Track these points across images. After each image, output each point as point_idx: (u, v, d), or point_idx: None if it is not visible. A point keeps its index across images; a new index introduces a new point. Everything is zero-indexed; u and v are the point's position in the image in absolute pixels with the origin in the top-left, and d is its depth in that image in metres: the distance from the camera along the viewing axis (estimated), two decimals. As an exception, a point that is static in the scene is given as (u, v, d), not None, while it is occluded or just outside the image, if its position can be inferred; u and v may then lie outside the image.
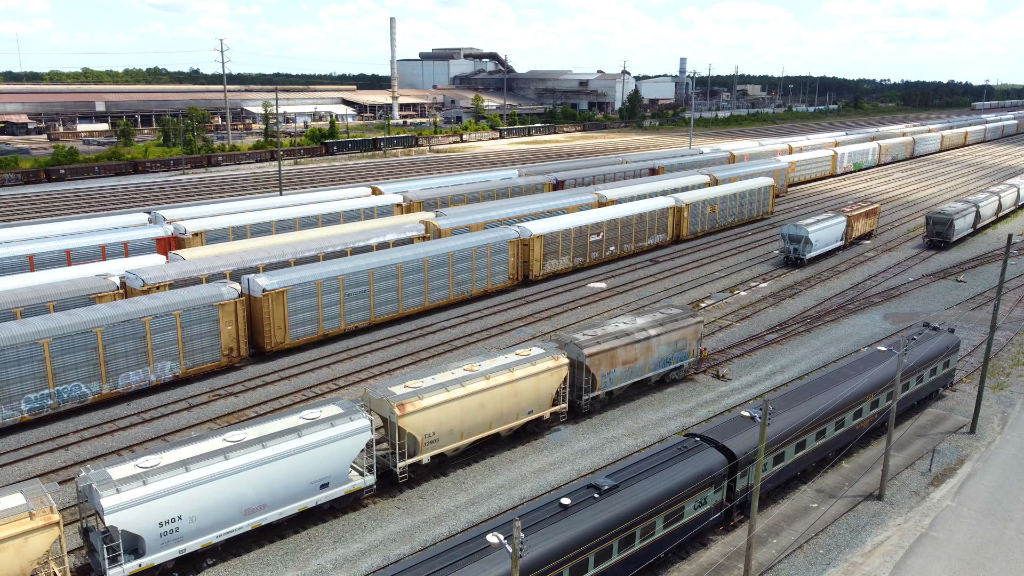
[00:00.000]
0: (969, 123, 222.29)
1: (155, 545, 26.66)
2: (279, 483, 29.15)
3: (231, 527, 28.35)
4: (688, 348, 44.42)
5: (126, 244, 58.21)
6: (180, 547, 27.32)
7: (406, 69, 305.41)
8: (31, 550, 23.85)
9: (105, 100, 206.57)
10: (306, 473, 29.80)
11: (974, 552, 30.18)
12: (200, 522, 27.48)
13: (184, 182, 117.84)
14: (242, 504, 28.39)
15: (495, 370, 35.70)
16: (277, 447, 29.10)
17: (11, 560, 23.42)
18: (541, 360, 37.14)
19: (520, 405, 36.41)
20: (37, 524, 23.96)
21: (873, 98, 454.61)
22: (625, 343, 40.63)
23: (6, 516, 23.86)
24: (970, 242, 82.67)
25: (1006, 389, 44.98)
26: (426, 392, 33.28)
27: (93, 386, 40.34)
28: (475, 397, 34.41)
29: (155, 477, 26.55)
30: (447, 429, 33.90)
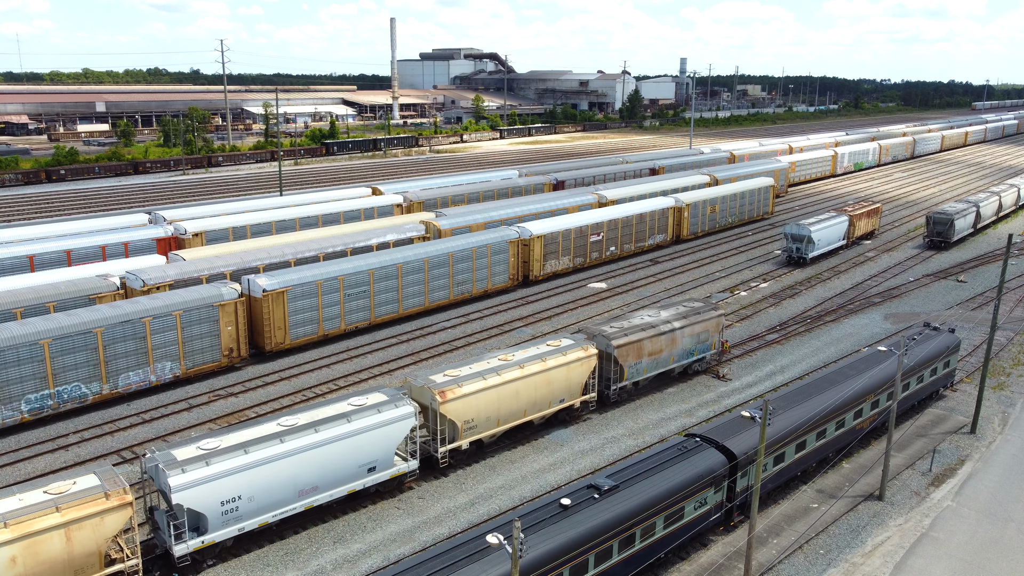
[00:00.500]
0: (969, 123, 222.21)
1: (217, 523, 27.98)
2: (330, 466, 30.45)
3: (286, 508, 29.69)
4: (710, 340, 45.72)
5: (126, 244, 58.22)
6: (239, 526, 28.67)
7: (406, 69, 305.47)
8: (107, 528, 25.23)
9: (105, 100, 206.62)
10: (355, 457, 31.08)
11: (975, 552, 30.16)
12: (258, 502, 28.81)
13: (184, 182, 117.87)
14: (296, 485, 29.70)
15: (529, 360, 37.15)
16: (329, 431, 30.37)
17: (89, 538, 24.87)
18: (572, 350, 38.53)
19: (552, 393, 37.90)
20: (112, 504, 25.28)
21: (873, 98, 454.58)
22: (651, 335, 41.94)
23: (83, 496, 25.12)
24: (970, 242, 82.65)
25: (1007, 389, 44.96)
26: (465, 380, 34.67)
27: (93, 386, 40.35)
28: (511, 385, 35.87)
29: (217, 458, 27.86)
30: (485, 416, 35.33)
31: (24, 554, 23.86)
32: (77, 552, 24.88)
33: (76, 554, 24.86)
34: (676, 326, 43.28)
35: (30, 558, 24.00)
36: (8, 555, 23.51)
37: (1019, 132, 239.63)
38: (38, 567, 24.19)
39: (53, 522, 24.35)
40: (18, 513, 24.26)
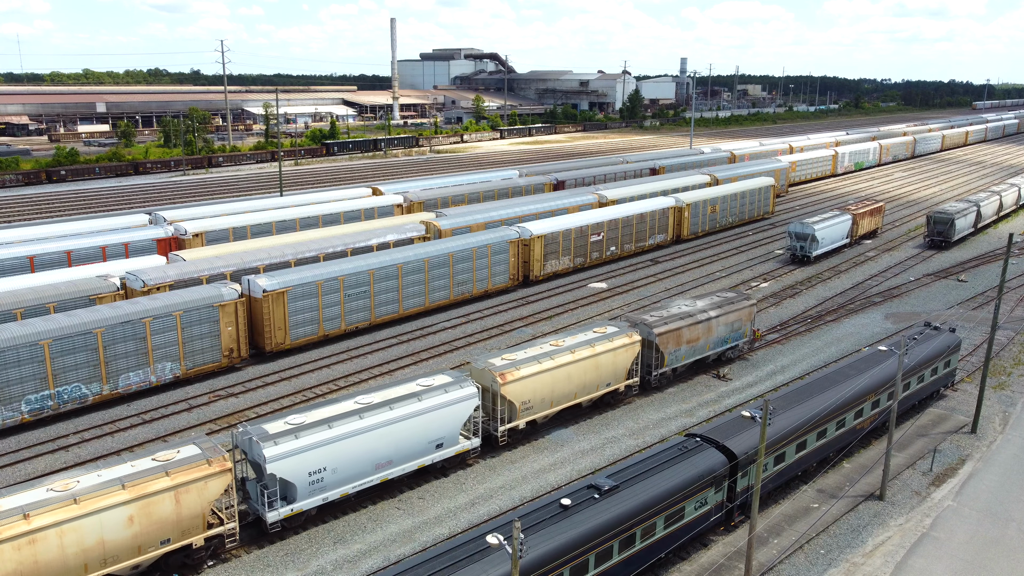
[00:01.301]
0: (970, 122, 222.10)
1: (305, 492, 30.01)
2: (404, 441, 32.54)
3: (364, 480, 31.74)
4: (743, 328, 47.62)
5: (126, 245, 58.21)
6: (324, 495, 30.68)
7: (407, 70, 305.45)
8: (210, 493, 27.53)
9: (106, 101, 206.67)
10: (425, 433, 33.17)
11: (975, 552, 30.12)
12: (340, 474, 30.84)
13: (185, 183, 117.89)
14: (373, 459, 31.77)
15: (578, 345, 39.21)
16: (402, 409, 32.47)
17: (195, 500, 27.18)
18: (617, 337, 40.52)
19: (600, 377, 39.98)
20: (215, 470, 27.49)
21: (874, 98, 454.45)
22: (689, 323, 43.89)
23: (189, 463, 27.24)
24: (971, 241, 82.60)
25: (1007, 389, 44.92)
26: (522, 364, 36.82)
27: (93, 387, 40.34)
28: (563, 369, 38.03)
29: (305, 432, 29.83)
30: (540, 397, 37.46)
31: (139, 514, 26.10)
32: (184, 514, 27.13)
33: (183, 516, 27.12)
34: (712, 315, 45.14)
35: (144, 518, 26.22)
36: (126, 515, 25.77)
37: (1020, 131, 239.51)
38: (151, 527, 26.43)
39: (164, 485, 26.51)
40: (133, 477, 26.36)
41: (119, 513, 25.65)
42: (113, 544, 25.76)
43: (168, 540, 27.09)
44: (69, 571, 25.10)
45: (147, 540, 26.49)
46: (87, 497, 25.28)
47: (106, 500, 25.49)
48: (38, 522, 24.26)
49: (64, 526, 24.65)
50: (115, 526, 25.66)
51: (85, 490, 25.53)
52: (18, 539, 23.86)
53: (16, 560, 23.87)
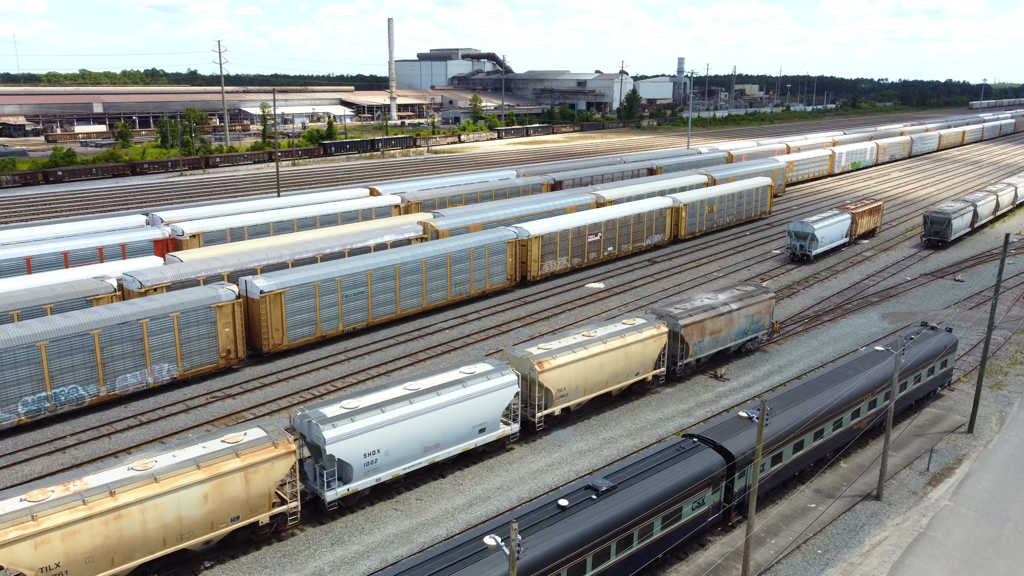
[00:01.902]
0: (967, 122, 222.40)
1: (360, 473, 31.58)
2: (450, 425, 34.07)
3: (413, 462, 33.26)
4: (763, 321, 49.33)
5: (123, 246, 58.13)
6: (377, 476, 32.24)
7: (404, 70, 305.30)
8: (276, 473, 28.99)
9: (103, 101, 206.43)
10: (469, 418, 34.73)
11: (972, 552, 30.18)
12: (392, 456, 32.39)
13: (182, 183, 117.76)
14: (422, 442, 33.31)
15: (609, 336, 40.59)
16: (449, 395, 34.03)
17: (262, 480, 28.65)
18: (645, 328, 42.01)
19: (630, 367, 41.52)
20: (280, 452, 28.97)
21: (871, 97, 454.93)
22: (712, 315, 45.43)
23: (256, 445, 28.66)
24: (968, 241, 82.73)
25: (1004, 388, 45.00)
26: (558, 353, 38.36)
27: (91, 388, 40.29)
28: (596, 358, 39.52)
29: (360, 415, 31.40)
30: (575, 385, 38.99)
31: (213, 492, 27.56)
32: (253, 493, 28.57)
33: (252, 495, 28.57)
34: (734, 307, 46.77)
35: (217, 496, 27.68)
36: (201, 493, 27.23)
37: (1016, 131, 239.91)
38: (223, 504, 27.90)
39: (235, 466, 28.01)
40: (206, 457, 27.78)
41: (195, 491, 27.17)
42: (189, 520, 27.28)
43: (238, 517, 28.59)
44: (150, 545, 26.69)
45: (219, 517, 28.03)
46: (166, 476, 26.82)
47: (183, 479, 26.98)
48: (123, 499, 25.83)
49: (146, 503, 26.25)
50: (191, 503, 27.17)
51: (163, 469, 27.04)
52: (106, 515, 25.46)
53: (104, 534, 25.51)
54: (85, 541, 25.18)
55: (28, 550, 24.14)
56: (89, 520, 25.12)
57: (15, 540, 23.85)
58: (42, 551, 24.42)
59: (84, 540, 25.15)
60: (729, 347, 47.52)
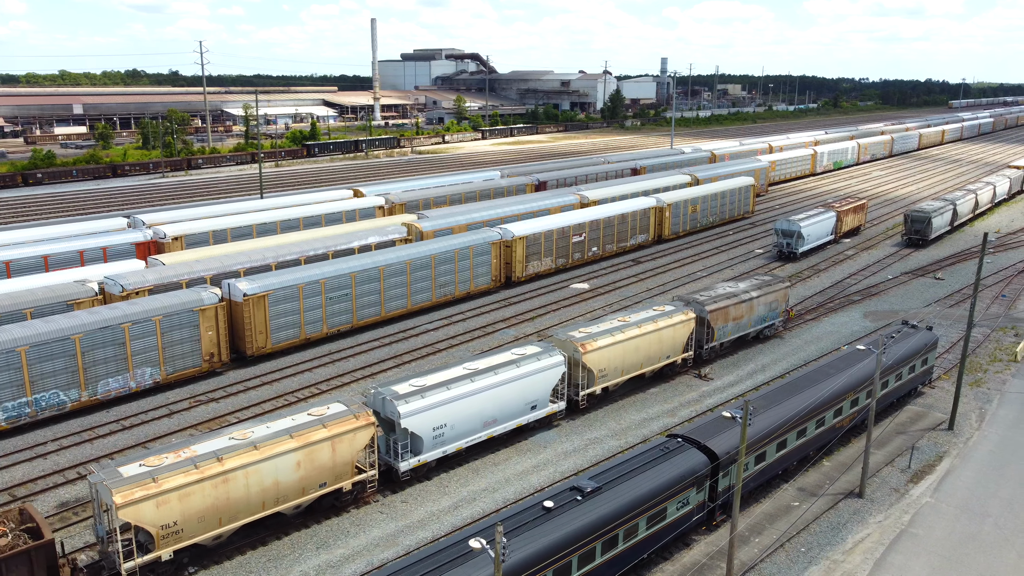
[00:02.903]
0: (947, 121, 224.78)
1: (429, 445, 34.05)
2: (506, 402, 36.64)
3: (474, 436, 35.78)
4: (779, 308, 52.09)
5: (105, 249, 57.63)
6: (443, 449, 34.65)
7: (388, 70, 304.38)
8: (358, 443, 31.47)
9: (83, 102, 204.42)
10: (523, 396, 37.32)
11: (953, 548, 30.53)
12: (456, 430, 34.82)
13: (164, 185, 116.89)
14: (482, 417, 35.86)
15: (643, 321, 43.33)
16: (505, 374, 36.61)
17: (346, 449, 31.12)
18: (675, 314, 44.78)
19: (662, 350, 44.37)
20: (361, 423, 31.42)
21: (852, 97, 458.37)
22: (735, 302, 48.19)
23: (340, 417, 31.04)
24: (948, 239, 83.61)
25: (983, 385, 45.53)
26: (598, 336, 40.98)
27: (72, 394, 39.92)
28: (633, 341, 42.18)
29: (429, 392, 33.93)
30: (614, 366, 41.55)
31: (304, 460, 29.93)
32: (338, 461, 30.98)
33: (337, 463, 30.98)
34: (754, 295, 49.63)
35: (308, 463, 30.06)
36: (295, 460, 29.62)
37: (994, 130, 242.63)
38: (313, 471, 30.27)
39: (323, 436, 30.36)
40: (297, 428, 30.18)
41: (290, 459, 29.53)
42: (285, 485, 29.65)
43: (325, 484, 30.93)
44: (251, 508, 28.97)
45: (309, 483, 30.41)
46: (265, 445, 29.14)
47: (280, 447, 29.32)
48: (230, 464, 28.15)
49: (249, 468, 28.51)
50: (287, 470, 29.54)
51: (261, 438, 29.35)
52: (215, 478, 27.75)
53: (214, 496, 27.85)
54: (198, 502, 27.51)
55: (152, 509, 26.49)
56: (201, 483, 27.42)
57: (141, 499, 26.14)
58: (163, 510, 26.77)
59: (197, 501, 27.49)
60: (749, 332, 50.04)
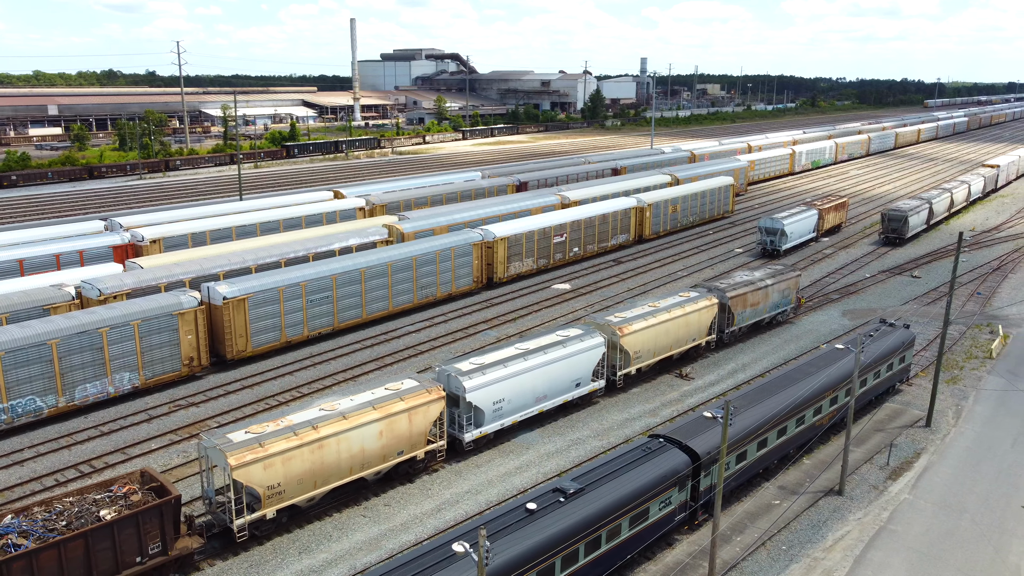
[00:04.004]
0: (922, 120, 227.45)
1: (489, 418, 37.02)
2: (555, 379, 39.61)
3: (527, 410, 38.77)
4: (791, 296, 55.32)
5: (81, 253, 56.96)
6: (501, 422, 37.63)
7: (367, 70, 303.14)
8: (431, 414, 34.41)
9: (58, 103, 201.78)
10: (569, 373, 40.29)
11: (931, 544, 30.92)
12: (512, 404, 37.84)
13: (141, 187, 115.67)
14: (534, 393, 38.82)
15: (672, 306, 46.29)
16: (554, 353, 39.49)
17: (421, 420, 34.03)
18: (700, 300, 47.91)
19: (688, 333, 47.25)
20: (433, 397, 34.44)
21: (830, 96, 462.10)
22: (752, 289, 51.39)
23: (415, 391, 34.09)
24: (924, 238, 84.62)
25: (960, 383, 46.13)
26: (633, 320, 44.00)
27: (49, 399, 39.43)
28: (663, 325, 45.21)
29: (489, 370, 36.90)
30: (647, 348, 44.46)
31: (386, 430, 32.81)
32: (414, 431, 33.88)
33: (413, 432, 33.86)
34: (769, 283, 52.77)
35: (388, 432, 32.91)
36: (377, 429, 32.46)
37: (969, 129, 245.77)
38: (392, 439, 33.14)
39: (402, 407, 33.26)
40: (378, 400, 33.16)
41: (373, 428, 32.31)
42: (369, 452, 32.43)
43: (402, 452, 33.75)
44: (340, 472, 31.68)
45: (389, 451, 33.22)
46: (352, 415, 31.90)
47: (365, 417, 32.11)
48: (324, 432, 30.78)
49: (340, 436, 31.21)
50: (371, 438, 32.32)
51: (348, 409, 32.13)
52: (312, 444, 30.35)
53: (311, 460, 30.46)
54: (297, 466, 30.05)
55: (260, 471, 29.01)
56: (300, 448, 30.02)
57: (251, 462, 28.65)
58: (269, 472, 29.27)
59: (296, 465, 30.02)
60: (764, 318, 53.13)
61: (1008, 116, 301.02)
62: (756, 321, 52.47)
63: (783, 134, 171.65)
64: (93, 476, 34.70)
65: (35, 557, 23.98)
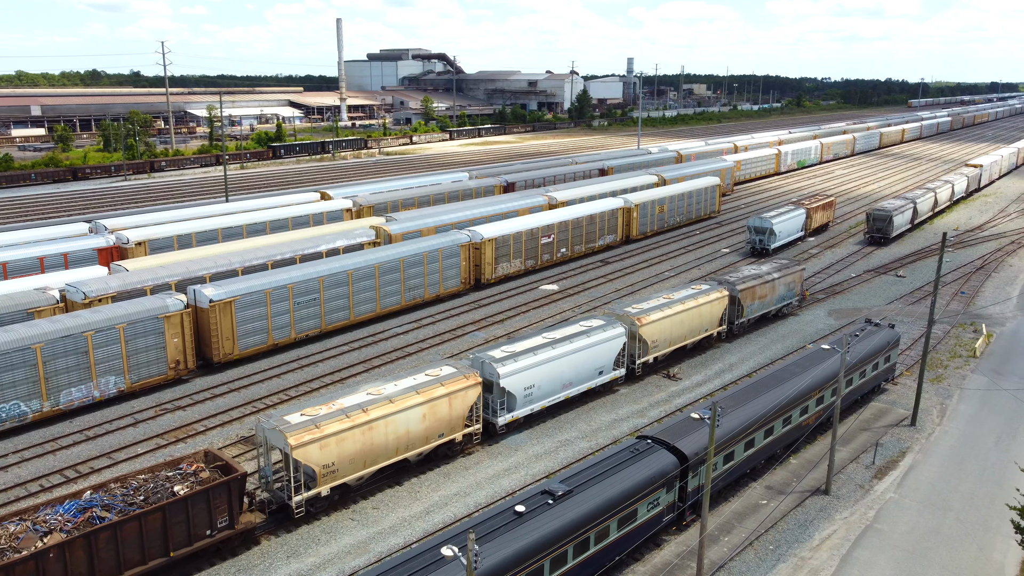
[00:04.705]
0: (906, 120, 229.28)
1: (520, 403, 38.85)
2: (580, 367, 41.36)
3: (554, 396, 40.59)
4: (796, 289, 57.69)
5: (66, 255, 56.52)
6: (531, 407, 39.42)
7: (354, 70, 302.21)
8: (469, 399, 36.30)
9: (41, 104, 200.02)
10: (593, 362, 42.03)
11: (916, 542, 31.19)
12: (541, 390, 39.70)
13: (126, 189, 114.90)
14: (561, 380, 40.59)
15: (686, 298, 48.43)
16: (579, 342, 41.18)
17: (460, 404, 35.86)
18: (712, 292, 50.15)
19: (702, 324, 49.41)
20: (471, 382, 36.29)
21: (815, 96, 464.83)
22: (760, 283, 53.63)
23: (453, 377, 35.95)
24: (908, 237, 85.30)
25: (944, 381, 46.54)
26: (651, 311, 45.95)
27: (33, 404, 39.11)
28: (678, 316, 47.08)
29: (520, 357, 38.66)
30: (664, 338, 46.53)
31: (428, 413, 34.57)
32: (453, 415, 35.69)
33: (452, 416, 35.67)
34: (775, 276, 55.07)
35: (430, 416, 34.70)
36: (421, 413, 34.22)
37: (952, 129, 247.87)
38: (434, 422, 34.94)
39: (442, 392, 35.07)
40: (421, 386, 34.91)
41: (417, 411, 34.08)
42: (413, 434, 34.25)
43: (442, 434, 35.51)
44: (387, 453, 33.51)
45: (431, 433, 34.97)
46: (398, 398, 33.73)
47: (410, 401, 33.94)
48: (373, 414, 32.63)
49: (388, 419, 33.05)
50: (415, 421, 34.09)
51: (393, 394, 33.95)
52: (362, 426, 32.18)
53: (361, 441, 32.28)
54: (349, 446, 31.82)
55: (316, 451, 30.73)
56: (352, 430, 31.78)
57: (309, 442, 30.40)
58: (324, 452, 31.00)
59: (349, 445, 31.79)
60: (771, 310, 55.46)
61: (990, 116, 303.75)
62: (763, 313, 54.68)
63: (769, 134, 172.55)
64: (78, 481, 34.46)
65: (119, 528, 25.92)
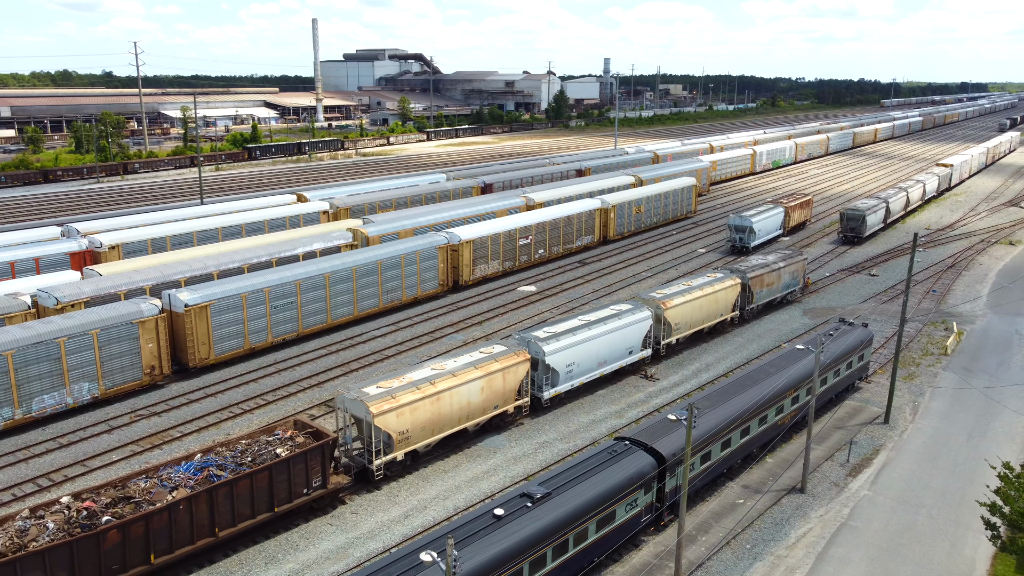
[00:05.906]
0: (879, 120, 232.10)
1: (562, 379, 42.09)
2: (613, 346, 44.74)
3: (591, 373, 43.76)
4: (799, 278, 61.40)
5: (37, 260, 55.72)
6: (571, 383, 42.65)
7: (330, 71, 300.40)
8: (519, 374, 39.52)
9: (10, 104, 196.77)
10: (624, 342, 45.44)
11: (890, 539, 31.65)
12: (580, 367, 42.86)
13: (99, 191, 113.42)
14: (597, 358, 43.84)
15: (703, 284, 52.25)
16: (612, 324, 44.65)
17: (512, 378, 39.12)
18: (726, 280, 53.99)
19: (717, 310, 53.18)
20: (521, 359, 39.55)
21: (790, 96, 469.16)
22: (768, 271, 57.28)
23: (506, 354, 39.17)
24: (881, 237, 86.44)
25: (916, 379, 47.24)
26: (673, 296, 49.51)
27: (5, 412, 38.53)
28: (697, 302, 50.70)
29: (562, 336, 42.06)
30: (685, 322, 49.95)
31: (486, 386, 37.79)
32: (507, 388, 39.03)
33: (506, 389, 39.00)
34: (781, 265, 58.65)
35: (487, 389, 37.94)
36: (479, 386, 37.37)
37: (924, 128, 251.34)
38: (490, 394, 38.18)
39: (497, 367, 38.29)
40: (478, 361, 38.10)
41: (477, 384, 37.21)
42: (473, 405, 37.37)
43: (497, 406, 38.69)
44: (451, 422, 36.68)
45: (488, 405, 38.17)
46: (460, 372, 36.88)
47: (471, 375, 37.09)
48: (441, 386, 35.76)
49: (452, 391, 36.16)
50: (475, 393, 37.23)
51: (455, 368, 37.18)
52: (431, 397, 35.27)
53: (431, 411, 35.37)
54: (420, 415, 34.84)
55: (394, 419, 33.81)
56: (423, 400, 34.84)
57: (387, 411, 33.49)
58: (400, 420, 34.06)
59: (420, 415, 34.82)
60: (777, 297, 58.87)
61: (960, 116, 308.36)
62: (770, 300, 57.99)
63: (744, 134, 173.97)
64: (52, 490, 34.01)
65: (235, 485, 28.92)
